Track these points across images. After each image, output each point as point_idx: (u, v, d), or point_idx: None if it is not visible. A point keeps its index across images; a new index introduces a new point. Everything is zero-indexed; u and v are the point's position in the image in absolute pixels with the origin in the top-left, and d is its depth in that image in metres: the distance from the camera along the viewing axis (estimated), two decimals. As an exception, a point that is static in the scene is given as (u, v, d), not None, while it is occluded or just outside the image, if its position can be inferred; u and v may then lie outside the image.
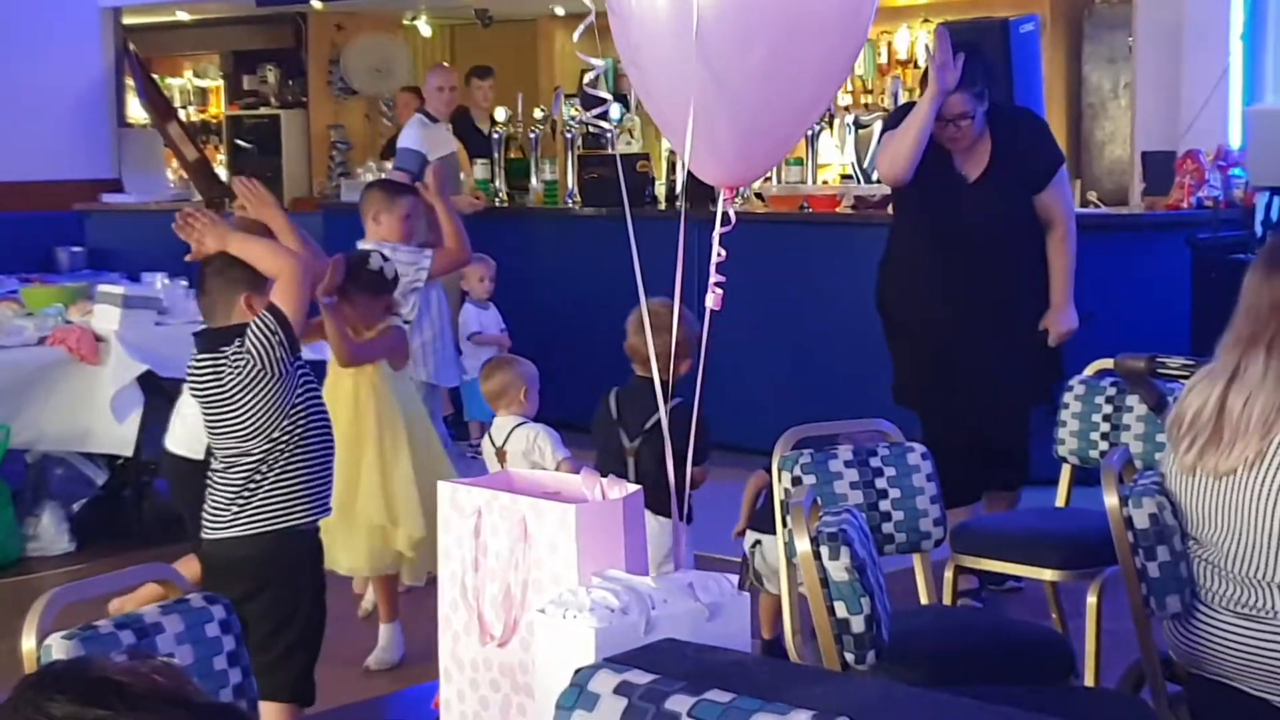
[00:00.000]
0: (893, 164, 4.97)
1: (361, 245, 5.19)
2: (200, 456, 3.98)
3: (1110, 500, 2.89)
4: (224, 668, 2.37)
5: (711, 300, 2.94)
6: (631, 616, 2.08)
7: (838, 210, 7.27)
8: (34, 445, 5.70)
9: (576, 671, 1.85)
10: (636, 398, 4.10)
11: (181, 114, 11.64)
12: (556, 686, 1.89)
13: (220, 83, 12.88)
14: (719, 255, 2.94)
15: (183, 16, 11.65)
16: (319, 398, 3.49)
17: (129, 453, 5.75)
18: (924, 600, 3.63)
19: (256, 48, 12.16)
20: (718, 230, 2.92)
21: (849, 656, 2.71)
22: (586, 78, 3.25)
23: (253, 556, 3.36)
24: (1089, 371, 4.23)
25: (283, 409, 3.34)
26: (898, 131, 4.95)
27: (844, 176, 8.51)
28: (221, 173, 11.32)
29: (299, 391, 3.39)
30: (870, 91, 9.62)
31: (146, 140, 10.39)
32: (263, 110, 12.01)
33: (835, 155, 8.78)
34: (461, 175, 8.02)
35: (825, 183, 8.18)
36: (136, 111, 10.86)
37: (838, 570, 2.68)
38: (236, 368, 3.32)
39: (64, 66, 9.73)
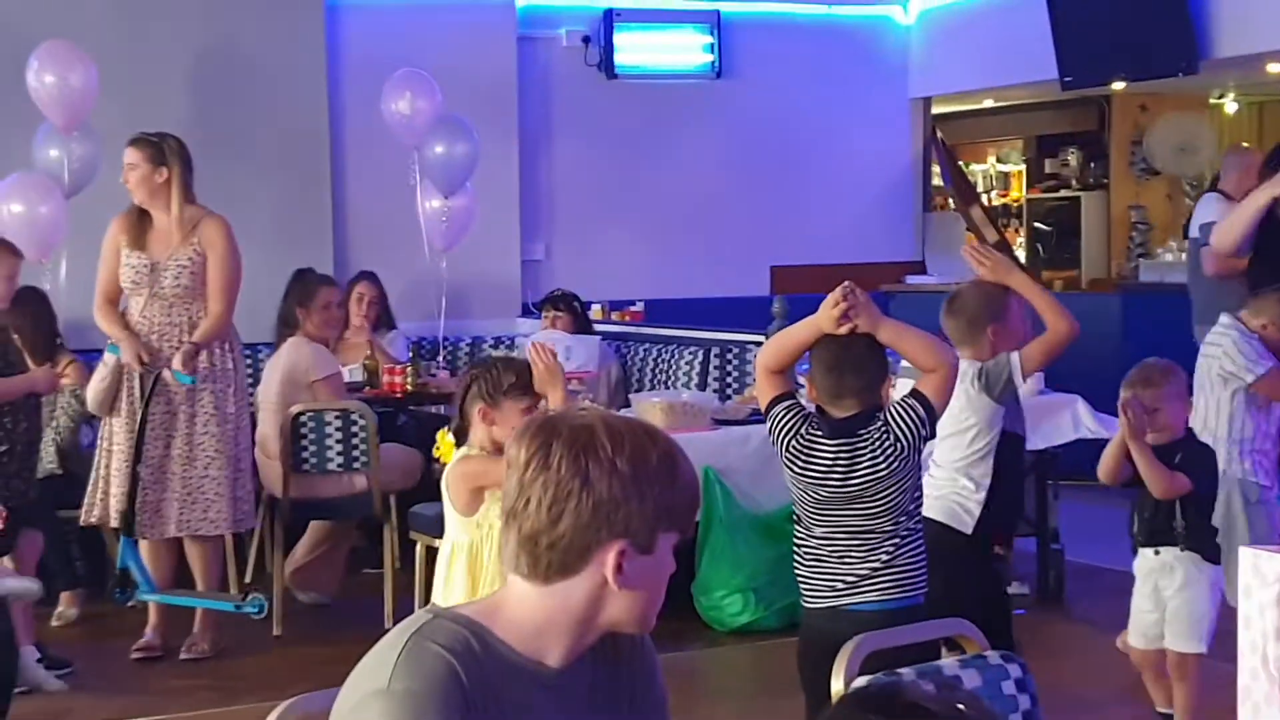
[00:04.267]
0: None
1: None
2: None
3: None
4: (1016, 727, 2.42)
5: None
6: None
7: None
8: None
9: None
10: None
11: (984, 198, 11.98)
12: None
13: (1022, 167, 13.11)
14: None
15: (989, 104, 12.00)
16: None
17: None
18: None
19: (1059, 131, 12.28)
20: None
21: None
22: None
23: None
24: None
25: (912, 486, 3.46)
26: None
27: None
28: (1020, 254, 11.52)
29: None
30: None
31: (949, 224, 10.78)
32: (1063, 192, 12.10)
33: None
34: None
35: None
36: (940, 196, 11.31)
37: None
38: (877, 448, 3.41)
39: (876, 155, 10.32)
